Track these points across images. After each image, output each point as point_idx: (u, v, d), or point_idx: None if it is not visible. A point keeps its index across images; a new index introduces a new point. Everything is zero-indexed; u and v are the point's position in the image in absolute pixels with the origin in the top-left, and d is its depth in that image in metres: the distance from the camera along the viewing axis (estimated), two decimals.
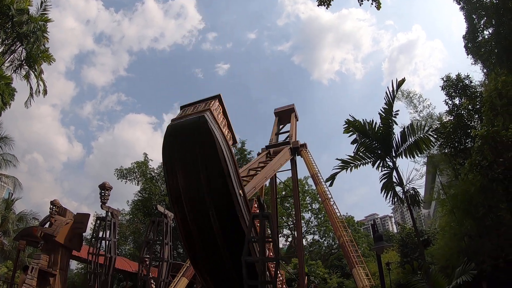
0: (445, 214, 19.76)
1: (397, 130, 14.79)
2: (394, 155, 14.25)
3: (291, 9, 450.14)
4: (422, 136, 14.03)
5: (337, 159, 14.92)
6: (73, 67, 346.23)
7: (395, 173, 13.98)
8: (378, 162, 14.42)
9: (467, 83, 18.92)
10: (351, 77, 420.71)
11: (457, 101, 19.01)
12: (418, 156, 16.09)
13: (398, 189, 14.28)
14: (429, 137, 14.22)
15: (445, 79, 19.59)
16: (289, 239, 55.62)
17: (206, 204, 11.41)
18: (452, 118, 18.70)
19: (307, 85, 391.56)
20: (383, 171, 14.39)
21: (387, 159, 14.29)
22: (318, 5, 12.64)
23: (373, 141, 14.46)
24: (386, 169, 14.29)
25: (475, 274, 12.49)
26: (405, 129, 14.37)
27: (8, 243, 28.23)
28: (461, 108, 18.20)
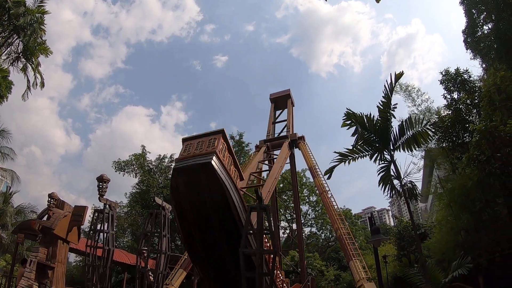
0: (442, 208, 19.82)
1: (395, 123, 14.84)
2: (392, 148, 14.28)
3: (289, 1, 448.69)
4: (420, 130, 14.05)
5: (335, 152, 14.96)
6: (71, 59, 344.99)
7: (392, 167, 14.02)
8: (376, 155, 14.45)
9: (466, 77, 18.86)
10: (349, 70, 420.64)
11: (455, 96, 18.98)
12: (416, 149, 16.15)
13: (395, 182, 14.34)
14: (427, 131, 14.24)
15: (444, 73, 19.54)
16: (287, 232, 55.87)
17: (217, 241, 12.15)
18: (450, 112, 18.69)
19: (305, 77, 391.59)
20: (380, 164, 14.44)
21: (385, 152, 14.32)
22: None
23: (371, 134, 14.47)
24: (384, 162, 14.33)
25: (470, 267, 12.56)
26: (403, 123, 14.38)
27: (6, 236, 28.24)
28: (460, 102, 18.18)
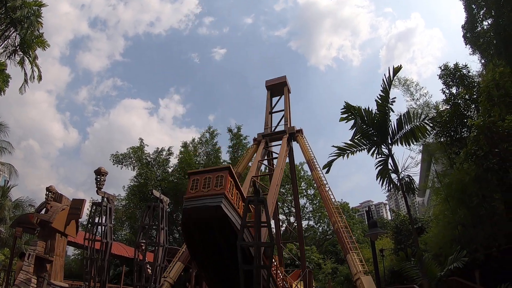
0: (439, 202, 19.90)
1: (394, 117, 14.83)
2: (390, 142, 14.29)
3: None
4: (418, 124, 14.05)
5: (333, 146, 14.96)
6: (68, 52, 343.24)
7: (390, 160, 14.04)
8: (373, 149, 14.46)
9: (465, 72, 18.86)
10: (348, 64, 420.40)
11: (454, 90, 18.99)
12: (413, 144, 16.19)
13: (393, 176, 14.37)
14: (425, 125, 14.25)
15: (442, 68, 19.53)
16: (284, 225, 56.04)
17: (229, 267, 12.55)
18: (448, 107, 18.70)
19: (304, 70, 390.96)
20: (378, 158, 14.45)
21: (383, 146, 14.32)
22: None
23: (370, 127, 14.47)
24: (381, 156, 14.34)
25: (466, 261, 12.66)
26: (402, 117, 14.38)
27: (4, 230, 28.16)
28: (458, 97, 18.18)
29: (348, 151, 14.72)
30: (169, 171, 47.93)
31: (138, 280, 13.87)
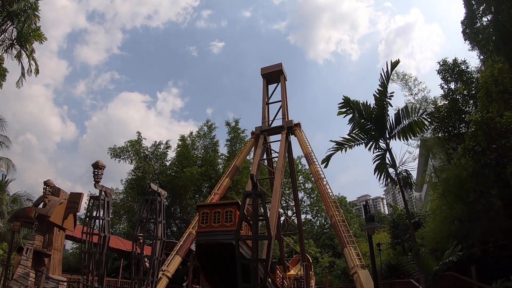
0: (437, 197, 19.99)
1: (392, 112, 14.81)
2: (387, 136, 14.23)
3: None
4: (416, 119, 13.99)
5: (331, 141, 14.94)
6: (66, 46, 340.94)
7: (388, 155, 13.99)
8: (371, 143, 14.42)
9: (464, 68, 18.88)
10: (347, 58, 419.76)
11: (452, 86, 19.02)
12: (411, 139, 16.14)
13: (390, 170, 14.35)
14: (423, 120, 14.19)
15: (441, 63, 19.53)
16: (282, 218, 56.19)
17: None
18: (447, 102, 18.72)
19: (302, 64, 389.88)
20: (376, 152, 14.44)
21: (380, 141, 14.29)
22: None
23: (368, 122, 14.44)
24: (379, 150, 14.31)
25: (460, 255, 12.72)
26: (400, 112, 14.33)
27: (2, 225, 28.08)
28: (457, 93, 18.21)
29: (346, 146, 14.67)
30: (167, 164, 47.93)
31: (136, 273, 13.91)
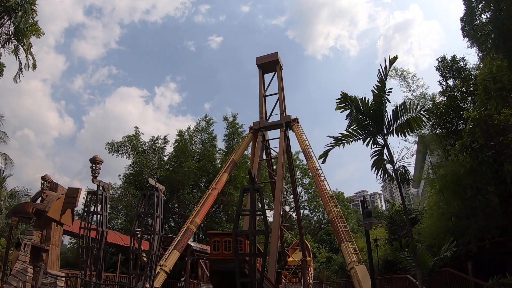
0: (434, 193, 20.06)
1: (390, 108, 14.82)
2: (385, 132, 14.24)
3: None
4: (414, 115, 14.00)
5: (329, 136, 14.94)
6: (63, 40, 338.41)
7: (386, 151, 14.01)
8: (369, 139, 14.44)
9: (462, 65, 18.87)
10: (345, 54, 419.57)
11: (451, 83, 19.03)
12: (409, 135, 16.23)
13: (388, 166, 14.38)
14: (421, 116, 14.21)
15: (440, 60, 19.53)
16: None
17: None
18: (445, 99, 18.75)
19: (301, 60, 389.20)
20: (374, 148, 14.46)
21: (378, 137, 14.30)
22: None
23: (365, 117, 14.44)
24: (377, 146, 14.32)
25: (455, 251, 12.82)
26: (398, 108, 14.34)
27: (0, 220, 28.05)
28: (455, 89, 18.22)
29: (343, 141, 14.68)
30: (165, 159, 47.91)
31: (133, 268, 13.92)
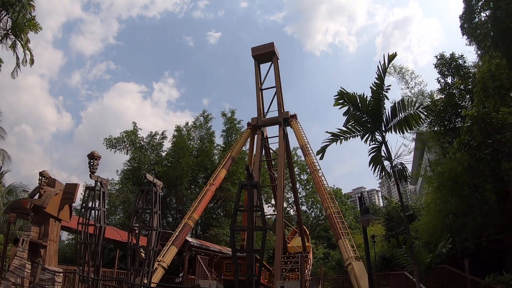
0: (431, 191, 20.14)
1: (388, 105, 14.81)
2: (383, 129, 14.22)
3: None
4: (412, 112, 13.95)
5: (327, 132, 14.93)
6: (61, 35, 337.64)
7: (384, 148, 14.00)
8: (367, 135, 14.43)
9: (461, 63, 18.88)
10: (344, 50, 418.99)
11: (449, 80, 19.02)
12: (407, 132, 16.18)
13: (386, 163, 14.39)
14: (419, 113, 14.17)
15: (438, 57, 19.53)
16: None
17: None
18: (443, 96, 18.76)
19: (299, 56, 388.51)
20: (371, 145, 14.46)
21: (376, 133, 14.30)
22: None
23: (364, 114, 14.43)
24: (375, 143, 14.32)
25: (450, 247, 12.90)
26: (396, 104, 14.32)
27: None
28: (453, 87, 18.24)
29: (341, 137, 14.65)
30: (163, 155, 47.86)
31: (132, 264, 13.97)
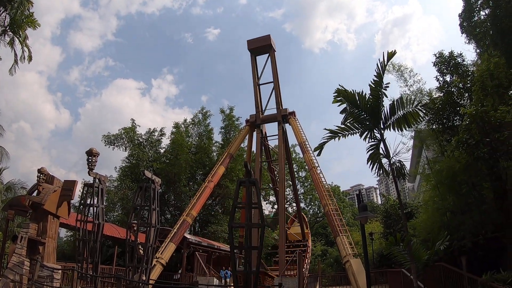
0: (429, 188, 20.19)
1: (387, 103, 14.82)
2: (382, 127, 14.25)
3: None
4: (411, 110, 13.99)
5: (325, 129, 14.95)
6: (59, 32, 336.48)
7: (382, 145, 14.03)
8: (366, 133, 14.44)
9: (460, 61, 18.85)
10: (343, 47, 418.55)
11: (448, 78, 18.99)
12: (406, 129, 16.22)
13: (384, 161, 14.41)
14: (417, 111, 14.20)
15: (437, 56, 19.50)
16: (276, 206, 56.45)
17: None
18: (442, 94, 18.75)
19: (298, 53, 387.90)
20: (370, 142, 14.47)
21: (375, 131, 14.32)
22: None
23: (362, 112, 14.44)
24: (373, 140, 14.33)
25: (448, 245, 12.96)
26: (395, 102, 14.33)
27: None
28: (452, 85, 18.22)
29: (340, 134, 14.68)
30: (161, 152, 47.82)
31: (130, 260, 13.99)
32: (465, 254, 14.49)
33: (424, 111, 15.52)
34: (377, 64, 13.94)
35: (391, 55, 13.98)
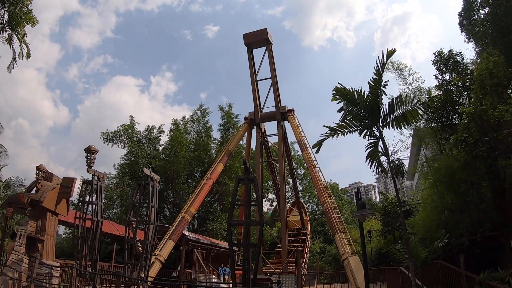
0: (428, 187, 20.19)
1: (386, 101, 14.82)
2: (381, 125, 14.25)
3: None
4: (410, 108, 13.98)
5: (324, 126, 14.93)
6: (58, 29, 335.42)
7: (381, 143, 14.03)
8: (365, 131, 14.44)
9: (459, 59, 18.85)
10: (342, 45, 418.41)
11: (447, 77, 19.00)
12: (404, 127, 16.24)
13: (383, 159, 14.41)
14: (417, 110, 14.21)
15: (436, 54, 19.48)
16: (274, 203, 56.54)
17: None
18: (441, 93, 18.76)
19: (297, 50, 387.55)
20: (369, 140, 14.47)
21: (374, 129, 14.32)
22: None
23: (361, 109, 14.43)
24: (372, 138, 14.33)
25: (446, 242, 13.01)
26: (394, 100, 14.33)
27: None
28: (451, 84, 18.22)
29: (338, 132, 14.67)
30: (160, 149, 47.85)
31: (129, 258, 14.02)
32: (463, 252, 14.54)
33: (423, 110, 15.49)
34: (376, 62, 13.92)
35: (390, 53, 13.96)
